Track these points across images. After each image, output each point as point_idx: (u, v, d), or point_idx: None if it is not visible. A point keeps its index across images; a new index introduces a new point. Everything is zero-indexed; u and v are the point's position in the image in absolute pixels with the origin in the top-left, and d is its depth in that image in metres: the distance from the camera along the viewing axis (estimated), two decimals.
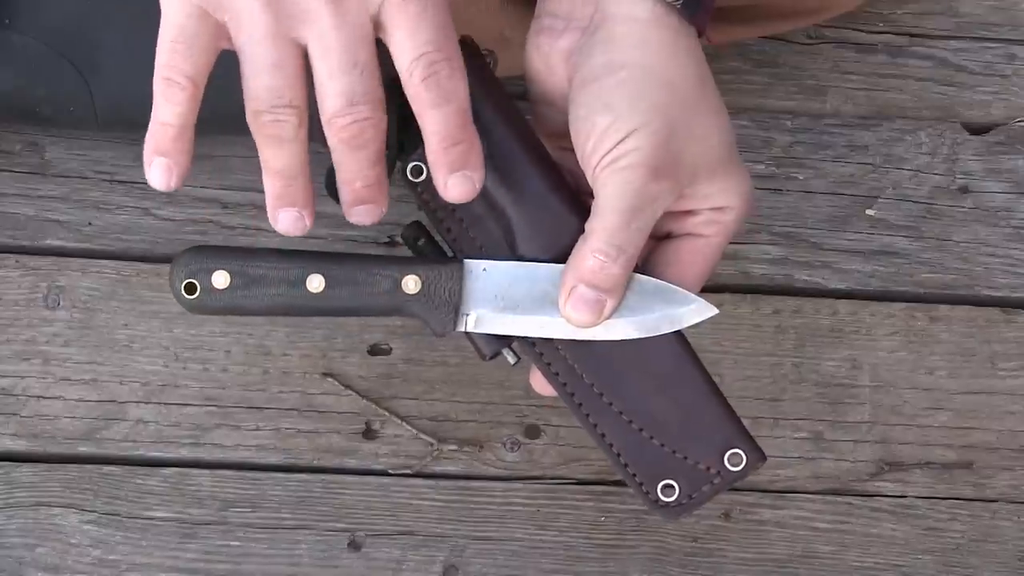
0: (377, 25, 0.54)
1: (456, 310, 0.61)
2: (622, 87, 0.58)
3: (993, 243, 0.88)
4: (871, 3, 0.89)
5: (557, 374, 0.62)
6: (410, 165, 0.61)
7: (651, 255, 0.63)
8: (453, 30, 0.55)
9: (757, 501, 0.84)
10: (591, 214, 0.59)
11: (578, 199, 0.62)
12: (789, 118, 0.89)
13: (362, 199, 0.57)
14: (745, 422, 0.62)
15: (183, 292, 0.61)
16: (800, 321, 0.86)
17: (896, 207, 0.88)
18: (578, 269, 0.59)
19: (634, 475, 0.62)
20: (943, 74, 0.90)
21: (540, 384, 0.63)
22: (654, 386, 0.62)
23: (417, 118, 0.56)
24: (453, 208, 0.61)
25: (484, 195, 0.60)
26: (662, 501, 0.62)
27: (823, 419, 0.85)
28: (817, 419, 0.85)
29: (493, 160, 0.60)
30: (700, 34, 0.61)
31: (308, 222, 0.57)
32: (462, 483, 0.83)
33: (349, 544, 0.82)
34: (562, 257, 0.60)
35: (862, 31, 0.90)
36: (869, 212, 0.88)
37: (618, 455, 0.62)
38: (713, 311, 0.61)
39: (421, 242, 0.62)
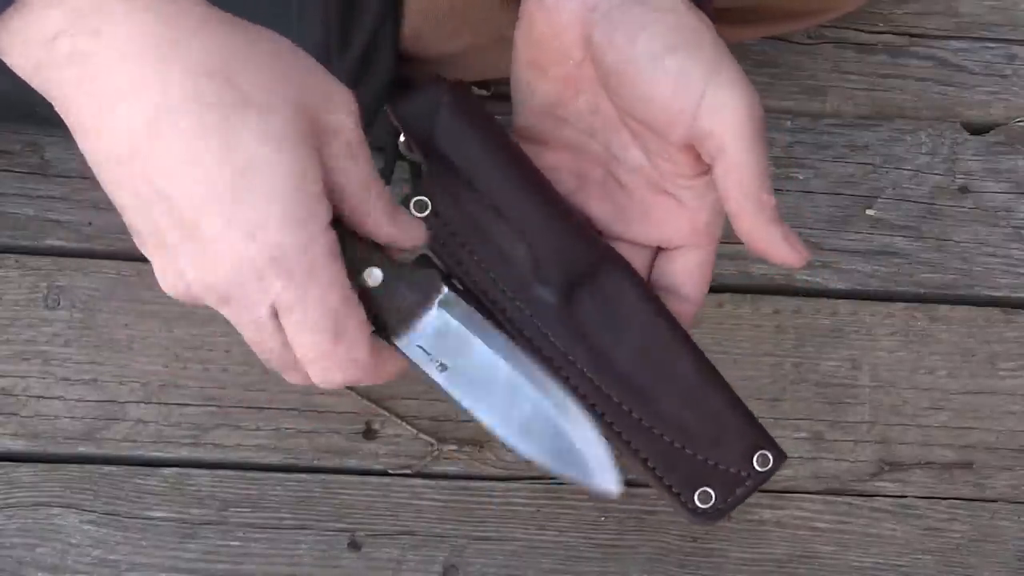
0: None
1: (404, 322, 0.58)
2: (678, 29, 0.59)
3: (993, 243, 0.88)
4: (871, 3, 0.89)
5: (584, 396, 0.62)
6: (413, 200, 0.61)
7: None
8: (343, 322, 0.54)
9: (757, 501, 0.84)
10: (730, 167, 0.59)
11: (579, 221, 0.63)
12: (789, 118, 0.89)
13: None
14: None
15: None
16: (800, 321, 0.86)
17: (896, 207, 0.88)
18: (769, 212, 0.59)
19: (670, 486, 0.62)
20: (943, 74, 0.90)
21: None
22: (679, 397, 0.62)
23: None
24: (463, 242, 0.61)
25: (493, 229, 0.61)
26: (700, 508, 0.62)
27: (823, 419, 0.85)
28: (817, 419, 0.85)
29: (500, 200, 0.61)
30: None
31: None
32: (462, 483, 0.83)
33: (349, 544, 0.82)
34: (574, 278, 0.61)
35: (862, 31, 0.90)
36: (869, 212, 0.88)
37: (653, 468, 0.62)
38: (615, 494, 0.59)
39: None
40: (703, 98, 0.58)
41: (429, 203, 0.61)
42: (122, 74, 0.50)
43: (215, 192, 0.51)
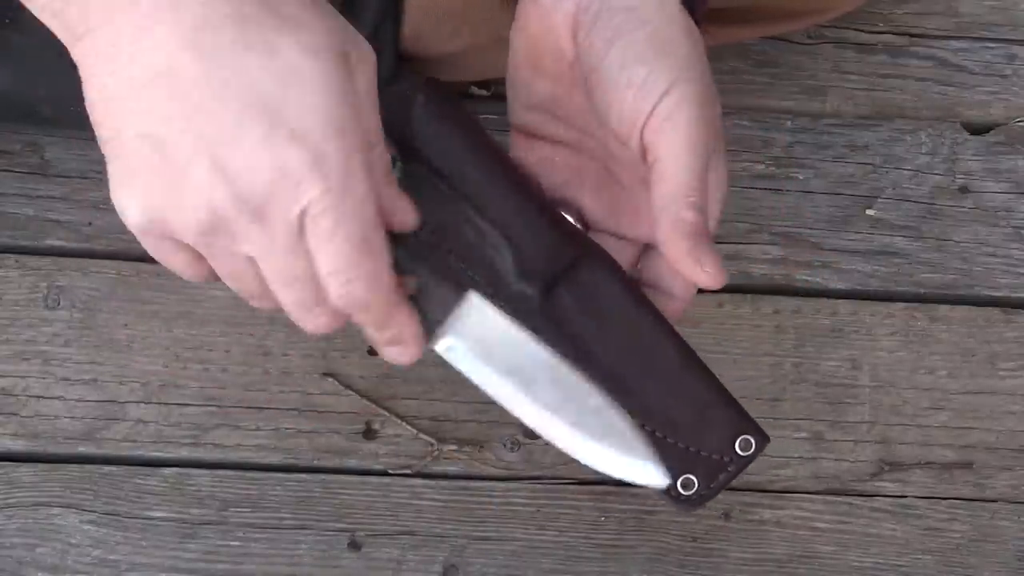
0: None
1: (437, 324, 0.59)
2: (653, 40, 0.59)
3: (993, 243, 0.88)
4: (871, 3, 0.89)
5: None
6: None
7: None
8: (372, 239, 0.55)
9: (757, 501, 0.84)
10: (659, 179, 0.59)
11: (560, 216, 0.63)
12: (789, 118, 0.89)
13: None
14: None
15: None
16: (800, 321, 0.86)
17: (896, 207, 0.88)
18: (686, 228, 0.58)
19: None
20: (943, 74, 0.90)
21: None
22: (662, 388, 0.62)
23: None
24: (441, 240, 0.61)
25: (472, 227, 0.61)
26: (683, 495, 0.63)
27: (823, 419, 0.85)
28: (817, 419, 0.85)
29: (479, 199, 0.61)
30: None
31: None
32: (462, 483, 0.83)
33: (349, 544, 0.82)
34: (555, 273, 0.61)
35: (862, 31, 0.90)
36: (869, 212, 0.88)
37: None
38: (661, 485, 0.61)
39: None
40: (653, 112, 0.58)
41: None
42: None
43: (259, 100, 0.51)
